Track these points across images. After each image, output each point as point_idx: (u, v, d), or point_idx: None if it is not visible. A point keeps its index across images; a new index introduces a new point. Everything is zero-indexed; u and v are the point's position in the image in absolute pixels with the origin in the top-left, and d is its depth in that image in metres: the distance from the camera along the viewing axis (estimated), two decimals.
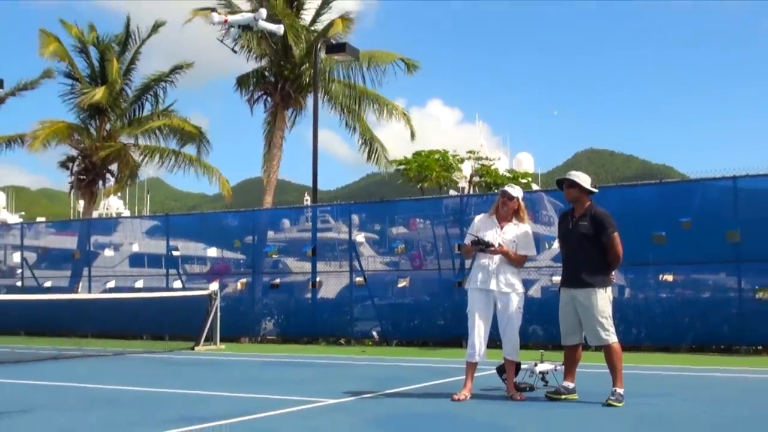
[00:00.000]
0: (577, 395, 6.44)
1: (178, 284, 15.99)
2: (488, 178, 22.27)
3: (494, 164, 24.99)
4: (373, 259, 15.63)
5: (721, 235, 11.25)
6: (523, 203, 6.79)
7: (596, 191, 6.63)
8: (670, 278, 11.96)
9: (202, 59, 30.06)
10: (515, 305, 6.58)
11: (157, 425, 5.33)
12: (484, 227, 6.70)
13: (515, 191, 6.74)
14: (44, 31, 21.24)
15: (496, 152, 39.76)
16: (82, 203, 24.20)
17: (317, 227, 15.35)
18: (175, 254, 16.37)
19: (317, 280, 14.67)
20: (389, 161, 20.64)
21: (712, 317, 11.54)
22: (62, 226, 22.73)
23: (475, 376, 6.65)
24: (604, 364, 6.38)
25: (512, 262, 6.61)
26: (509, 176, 22.91)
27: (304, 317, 14.72)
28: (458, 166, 22.19)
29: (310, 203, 19.35)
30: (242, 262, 16.66)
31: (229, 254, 16.84)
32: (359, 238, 15.04)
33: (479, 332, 6.55)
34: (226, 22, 16.59)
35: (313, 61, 17.62)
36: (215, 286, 13.82)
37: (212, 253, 16.65)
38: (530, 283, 12.51)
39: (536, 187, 28.19)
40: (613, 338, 6.29)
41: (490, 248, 6.54)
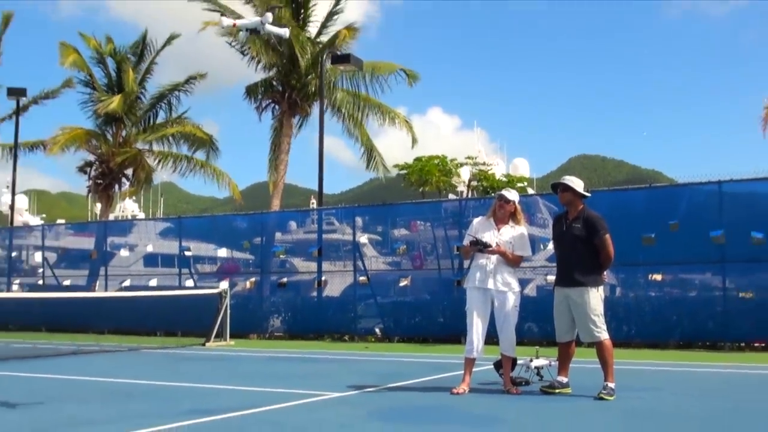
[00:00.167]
0: (570, 389, 6.58)
1: (190, 283, 16.26)
2: (486, 182, 22.68)
3: (491, 169, 25.47)
4: (375, 259, 15.87)
5: (707, 236, 11.44)
6: (519, 206, 6.94)
7: (589, 195, 6.76)
8: (658, 278, 12.19)
9: (213, 69, 30.63)
10: (512, 303, 6.72)
11: (169, 417, 5.42)
12: (482, 229, 6.84)
13: (512, 195, 6.91)
14: (64, 43, 22.05)
15: (493, 158, 39.97)
16: (99, 206, 24.49)
17: (323, 229, 15.62)
18: (187, 254, 16.71)
19: (323, 279, 14.90)
20: (387, 168, 20.97)
21: (698, 315, 11.77)
22: (80, 227, 23.23)
23: (473, 371, 6.79)
24: (596, 359, 6.50)
25: (509, 262, 6.75)
26: (506, 181, 23.25)
27: (310, 315, 14.98)
28: (457, 171, 22.64)
29: (316, 206, 19.65)
30: (251, 262, 16.96)
31: (238, 254, 17.12)
32: (363, 239, 15.28)
33: (477, 329, 6.69)
34: (234, 26, 17.16)
35: (318, 71, 18.02)
36: (225, 284, 14.13)
37: (222, 253, 16.98)
38: (526, 282, 12.77)
39: (531, 191, 28.33)
40: (604, 335, 6.42)
41: (487, 249, 6.67)
